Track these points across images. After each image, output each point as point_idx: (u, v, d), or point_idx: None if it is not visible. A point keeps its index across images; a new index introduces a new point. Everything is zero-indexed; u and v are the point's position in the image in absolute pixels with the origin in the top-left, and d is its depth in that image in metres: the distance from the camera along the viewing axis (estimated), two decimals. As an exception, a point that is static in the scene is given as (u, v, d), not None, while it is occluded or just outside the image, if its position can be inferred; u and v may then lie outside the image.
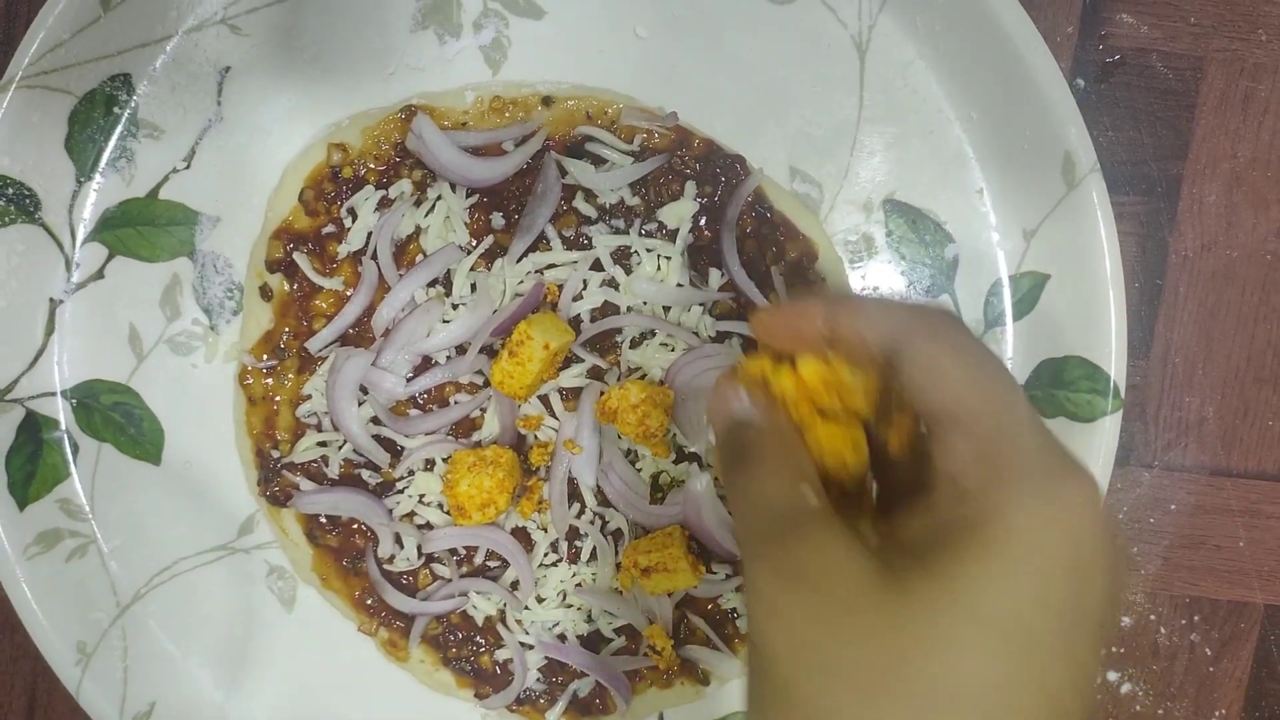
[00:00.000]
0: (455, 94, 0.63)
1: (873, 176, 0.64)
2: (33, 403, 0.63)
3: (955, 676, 0.35)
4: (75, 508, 0.64)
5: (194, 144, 0.63)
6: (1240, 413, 0.67)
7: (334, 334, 0.63)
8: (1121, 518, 0.67)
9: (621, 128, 0.63)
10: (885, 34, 0.62)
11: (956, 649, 0.35)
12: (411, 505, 0.64)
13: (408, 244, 0.63)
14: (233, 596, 0.66)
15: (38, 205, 0.62)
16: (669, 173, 0.63)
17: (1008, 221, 0.63)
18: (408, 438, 0.63)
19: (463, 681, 0.66)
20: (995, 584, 0.35)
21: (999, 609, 0.35)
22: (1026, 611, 0.35)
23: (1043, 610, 0.35)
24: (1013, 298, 0.64)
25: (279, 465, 0.64)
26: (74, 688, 0.64)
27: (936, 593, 0.36)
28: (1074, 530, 0.36)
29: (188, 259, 0.64)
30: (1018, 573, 0.35)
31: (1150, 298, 0.66)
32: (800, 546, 0.38)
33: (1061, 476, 0.37)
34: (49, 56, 0.60)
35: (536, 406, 0.63)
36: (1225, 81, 0.65)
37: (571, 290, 0.62)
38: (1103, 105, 0.65)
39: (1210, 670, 0.68)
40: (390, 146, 0.63)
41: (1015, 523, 0.36)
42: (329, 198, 0.63)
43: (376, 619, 0.66)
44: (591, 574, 0.65)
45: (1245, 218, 0.65)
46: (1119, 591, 0.37)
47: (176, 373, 0.64)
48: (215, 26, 0.62)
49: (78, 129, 0.62)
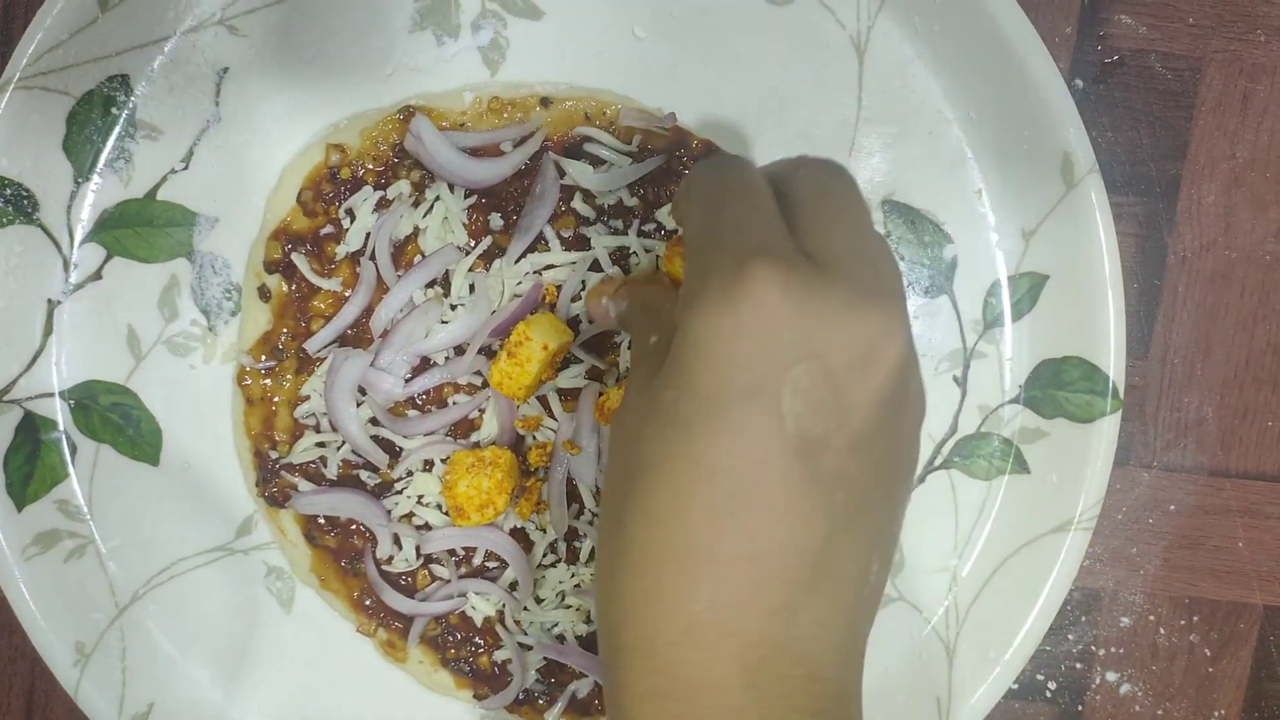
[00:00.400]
0: (453, 95, 0.63)
1: (871, 177, 0.64)
2: (31, 403, 0.63)
3: (638, 451, 0.44)
4: (73, 508, 0.64)
5: (192, 145, 0.63)
6: (1239, 413, 0.67)
7: (332, 335, 0.63)
8: (1120, 518, 0.67)
9: (620, 128, 0.63)
10: (884, 34, 0.62)
11: (640, 432, 0.44)
12: (410, 506, 0.64)
13: (406, 245, 0.63)
14: (231, 597, 0.66)
15: (35, 206, 0.62)
16: (668, 173, 0.63)
17: (1006, 222, 0.63)
18: (406, 438, 0.63)
19: (461, 682, 0.66)
20: (670, 373, 0.43)
21: (664, 398, 0.43)
22: (682, 394, 0.43)
23: (702, 390, 0.42)
24: (1011, 298, 0.64)
25: (277, 466, 0.64)
26: (72, 689, 0.64)
27: (650, 390, 0.44)
28: (738, 317, 0.41)
29: (186, 260, 0.64)
30: (680, 360, 0.43)
31: (1149, 298, 0.66)
32: (629, 383, 0.49)
33: (734, 277, 0.42)
34: (47, 57, 0.60)
35: (535, 407, 0.63)
36: (1224, 82, 0.65)
37: (570, 291, 0.62)
38: (1101, 106, 0.65)
39: (1209, 671, 0.68)
40: (388, 147, 0.63)
41: (687, 320, 0.43)
42: (327, 198, 0.63)
43: (375, 620, 0.66)
44: (591, 574, 0.65)
45: (1244, 218, 0.65)
46: (835, 364, 0.42)
47: (175, 373, 0.64)
48: (213, 27, 0.62)
49: (76, 130, 0.62)
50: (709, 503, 0.42)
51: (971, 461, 0.65)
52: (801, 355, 0.41)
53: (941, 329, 0.64)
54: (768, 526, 0.42)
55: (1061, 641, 0.67)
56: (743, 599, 0.42)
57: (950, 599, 0.65)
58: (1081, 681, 0.68)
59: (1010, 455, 0.64)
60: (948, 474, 0.65)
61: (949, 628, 0.64)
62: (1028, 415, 0.64)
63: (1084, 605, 0.67)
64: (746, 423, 0.41)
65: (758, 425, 0.41)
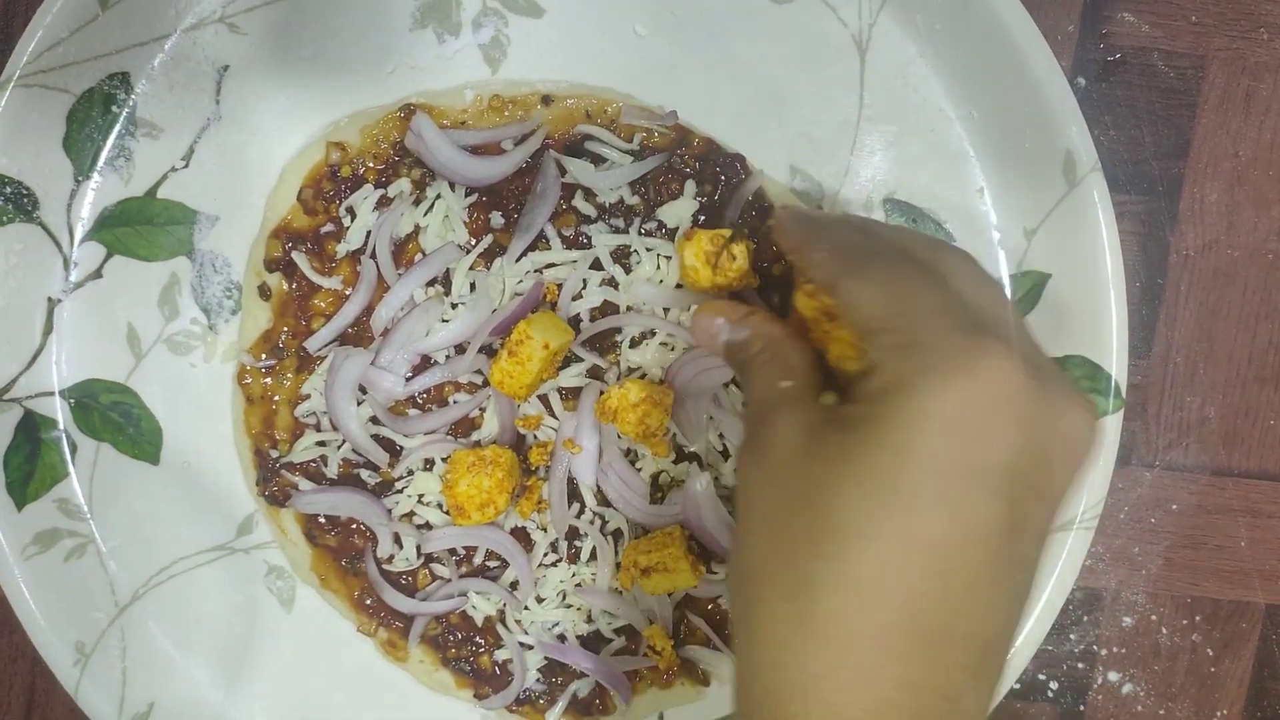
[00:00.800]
0: (454, 93, 0.63)
1: (873, 175, 0.63)
2: (31, 402, 0.63)
3: (837, 515, 0.42)
4: (73, 507, 0.64)
5: (192, 143, 0.63)
6: (1241, 412, 0.66)
7: (333, 333, 0.63)
8: (1122, 518, 0.67)
9: (621, 126, 0.62)
10: (885, 33, 0.62)
11: (841, 492, 0.42)
12: (410, 505, 0.64)
13: (407, 243, 0.63)
14: (231, 596, 0.65)
15: (36, 204, 0.62)
16: (669, 172, 0.63)
17: (1008, 220, 0.63)
18: (407, 437, 0.63)
19: (462, 682, 0.66)
20: (889, 438, 0.42)
21: (881, 463, 0.41)
22: (906, 464, 0.41)
23: (930, 462, 0.41)
24: (1014, 296, 0.63)
25: (278, 465, 0.64)
26: (72, 688, 0.63)
27: (838, 447, 0.43)
28: (975, 392, 0.41)
29: (186, 258, 0.64)
30: (908, 428, 0.41)
31: (1151, 297, 0.66)
32: (764, 427, 0.47)
33: (967, 353, 0.42)
34: (47, 55, 0.59)
35: (536, 406, 0.63)
36: (1226, 80, 0.65)
37: (571, 289, 0.62)
38: (1104, 104, 0.64)
39: (1212, 670, 0.68)
40: (389, 145, 0.62)
41: (916, 388, 0.42)
42: (328, 196, 0.63)
43: (375, 619, 0.66)
44: (591, 574, 0.65)
45: (1246, 217, 0.65)
46: (1051, 449, 0.42)
47: (175, 372, 0.64)
48: (214, 25, 0.62)
49: (76, 128, 0.62)
50: (917, 580, 0.41)
51: (973, 460, 0.64)
52: (1030, 439, 0.42)
53: (943, 328, 0.64)
54: (963, 608, 0.41)
55: (1064, 641, 0.67)
56: (926, 680, 0.41)
57: (952, 598, 0.65)
58: (1083, 681, 0.68)
59: (1012, 454, 0.64)
60: (949, 473, 0.65)
61: (951, 627, 0.64)
62: (1030, 414, 0.64)
63: (1086, 605, 0.67)
64: (970, 501, 0.41)
65: (981, 504, 0.41)
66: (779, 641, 0.43)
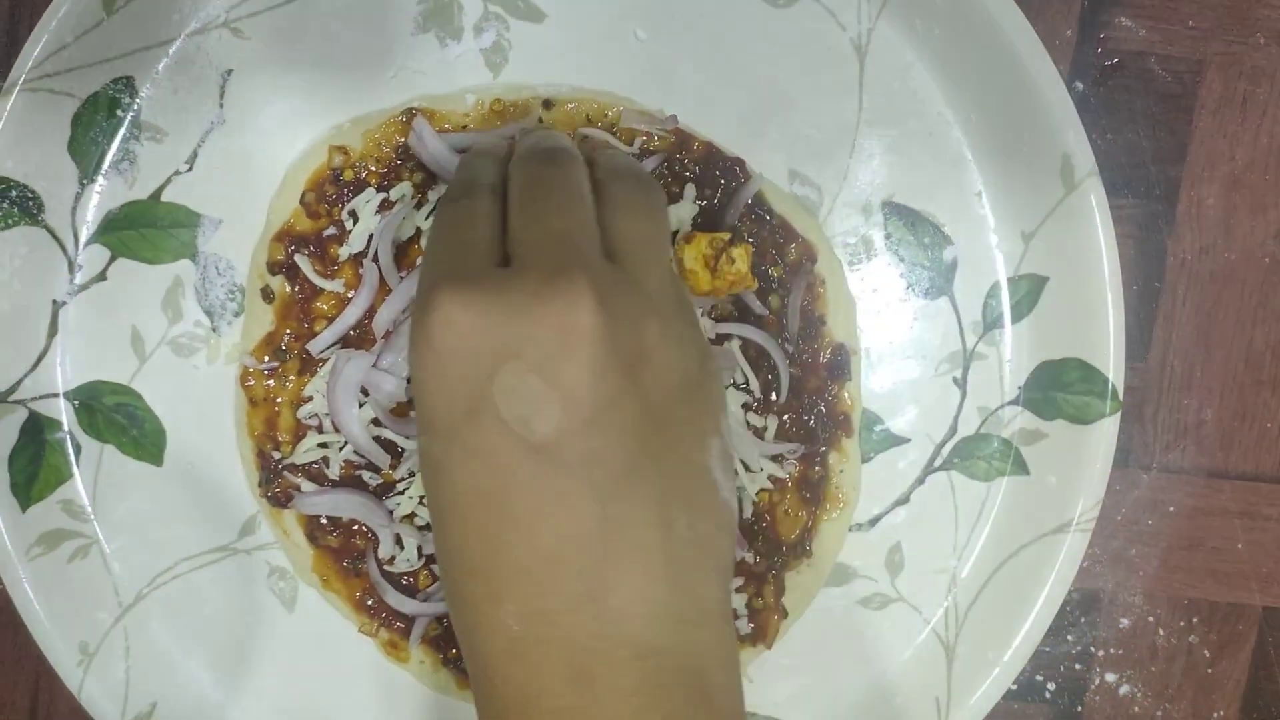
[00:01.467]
0: (456, 97, 0.63)
1: (872, 179, 0.64)
2: (35, 404, 0.64)
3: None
4: (77, 509, 0.64)
5: (196, 146, 0.63)
6: (1239, 415, 0.67)
7: (335, 336, 0.63)
8: (1119, 520, 0.67)
9: (621, 130, 0.63)
10: (884, 37, 0.63)
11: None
12: (412, 506, 0.64)
13: (409, 246, 0.63)
14: (234, 597, 0.66)
15: (40, 208, 0.62)
16: (668, 175, 0.63)
17: (1006, 224, 0.63)
18: (408, 439, 0.64)
19: (463, 682, 0.67)
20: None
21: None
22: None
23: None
24: (1011, 300, 0.64)
25: (280, 466, 0.65)
26: (76, 688, 0.64)
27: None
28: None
29: (190, 261, 0.64)
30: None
31: (1148, 300, 0.66)
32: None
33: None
34: (52, 59, 0.60)
35: (537, 408, 0.63)
36: (1224, 85, 0.65)
37: (571, 292, 0.62)
38: (1101, 108, 0.65)
39: (1208, 672, 0.68)
40: (391, 149, 0.63)
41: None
42: (330, 200, 0.63)
43: (377, 620, 0.66)
44: (591, 575, 0.65)
45: (1243, 220, 0.66)
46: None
47: (178, 374, 0.65)
48: (218, 30, 0.62)
49: (81, 132, 0.62)
50: (483, 527, 0.43)
51: (971, 463, 0.65)
52: (500, 360, 0.42)
53: (941, 330, 0.64)
54: (539, 529, 0.43)
55: (1061, 642, 0.67)
56: (545, 604, 0.43)
57: (949, 600, 0.65)
58: (1081, 682, 0.68)
59: (1010, 457, 0.64)
60: (947, 475, 0.65)
61: (948, 629, 0.65)
62: (1027, 417, 0.64)
63: (1083, 606, 0.67)
64: (479, 442, 0.43)
65: (489, 441, 0.42)
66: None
